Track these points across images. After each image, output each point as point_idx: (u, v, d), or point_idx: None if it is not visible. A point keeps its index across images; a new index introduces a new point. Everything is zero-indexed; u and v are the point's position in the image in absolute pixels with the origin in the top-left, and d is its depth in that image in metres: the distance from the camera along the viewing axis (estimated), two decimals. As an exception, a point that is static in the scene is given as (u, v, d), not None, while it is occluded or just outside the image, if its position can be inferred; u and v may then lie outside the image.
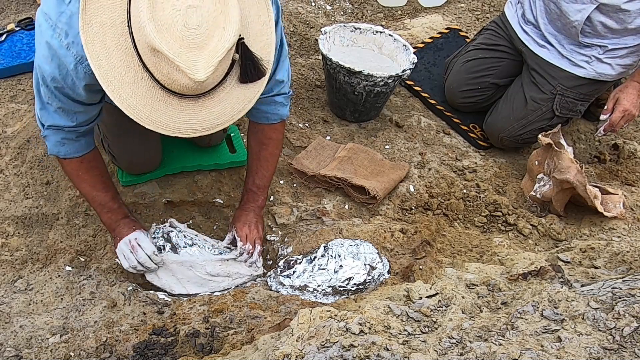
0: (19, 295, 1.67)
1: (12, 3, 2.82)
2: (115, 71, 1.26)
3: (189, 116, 1.30)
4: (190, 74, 1.18)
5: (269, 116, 1.78)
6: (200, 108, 1.30)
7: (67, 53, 1.36)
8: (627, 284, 1.24)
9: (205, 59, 1.18)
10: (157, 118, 1.30)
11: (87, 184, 1.73)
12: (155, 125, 1.30)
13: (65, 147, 1.64)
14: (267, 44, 1.37)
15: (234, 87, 1.33)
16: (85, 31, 1.24)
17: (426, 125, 2.59)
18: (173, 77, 1.21)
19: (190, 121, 1.31)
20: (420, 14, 3.29)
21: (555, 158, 2.15)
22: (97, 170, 1.74)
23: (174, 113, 1.29)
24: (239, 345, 1.47)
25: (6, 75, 2.40)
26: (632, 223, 2.11)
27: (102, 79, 1.26)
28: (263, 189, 1.92)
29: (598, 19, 2.16)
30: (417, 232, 2.00)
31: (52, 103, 1.51)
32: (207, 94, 1.29)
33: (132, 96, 1.27)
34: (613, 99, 2.24)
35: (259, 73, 1.34)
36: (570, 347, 1.05)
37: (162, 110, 1.29)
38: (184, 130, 1.32)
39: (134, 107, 1.28)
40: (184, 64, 1.17)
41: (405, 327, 1.21)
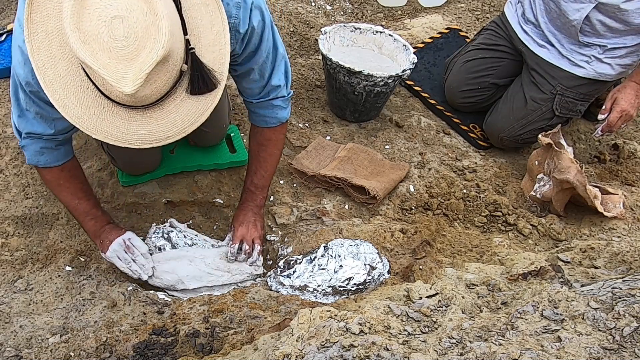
0: (19, 295, 1.67)
1: (12, 3, 2.82)
2: (60, 80, 1.24)
3: (137, 127, 1.27)
4: (118, 87, 1.14)
5: (268, 120, 1.77)
6: (148, 119, 1.27)
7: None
8: (627, 284, 1.24)
9: (134, 71, 1.14)
10: (103, 128, 1.26)
11: (69, 193, 1.71)
12: (103, 135, 1.27)
13: (44, 156, 1.61)
14: (221, 55, 1.32)
15: (185, 99, 1.29)
16: (30, 40, 1.22)
17: (426, 125, 2.59)
18: (109, 89, 1.18)
19: (138, 132, 1.27)
20: (420, 14, 3.29)
21: (555, 158, 2.15)
22: (78, 179, 1.72)
23: (121, 124, 1.26)
24: (239, 345, 1.47)
25: (6, 75, 2.40)
26: (632, 223, 2.11)
27: (47, 87, 1.24)
28: (262, 188, 1.90)
29: (597, 18, 2.16)
30: (417, 232, 2.00)
31: (30, 109, 1.49)
32: (154, 105, 1.25)
33: (78, 106, 1.24)
34: (611, 99, 2.24)
35: (209, 85, 1.29)
36: (570, 347, 1.05)
37: (108, 120, 1.25)
38: (133, 141, 1.29)
39: (79, 116, 1.25)
40: (111, 76, 1.14)
41: (405, 327, 1.21)
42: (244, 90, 1.72)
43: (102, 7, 1.12)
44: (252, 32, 1.49)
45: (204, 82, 1.28)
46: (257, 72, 1.62)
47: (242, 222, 1.89)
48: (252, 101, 1.73)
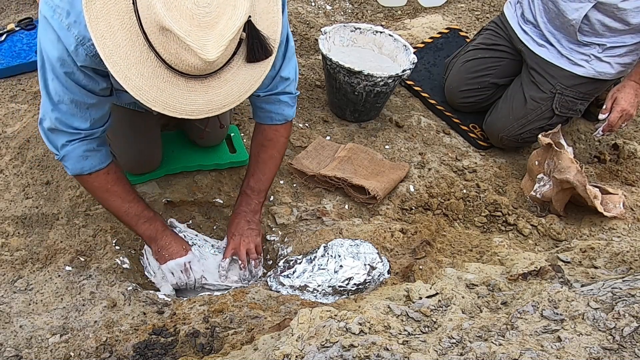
0: (19, 295, 1.67)
1: (12, 3, 2.82)
2: (120, 51, 1.21)
3: (196, 97, 1.26)
4: (201, 53, 1.14)
5: (273, 116, 1.74)
6: (206, 89, 1.26)
7: (68, 34, 1.31)
8: (627, 284, 1.24)
9: (215, 39, 1.14)
10: (163, 99, 1.25)
11: (118, 197, 1.67)
12: (162, 106, 1.26)
13: (89, 160, 1.57)
14: (274, 22, 1.32)
15: (241, 67, 1.29)
16: (88, 9, 1.19)
17: (426, 125, 2.59)
18: (181, 57, 1.17)
19: (197, 102, 1.27)
20: (420, 14, 3.29)
21: (555, 158, 2.15)
22: (124, 180, 1.68)
23: (180, 94, 1.25)
24: (239, 345, 1.47)
25: (6, 75, 2.40)
26: (632, 223, 2.11)
27: (107, 59, 1.22)
28: (258, 192, 1.84)
29: (596, 17, 2.16)
30: (417, 232, 2.00)
31: (63, 99, 1.44)
32: (213, 74, 1.25)
33: (138, 77, 1.22)
34: (611, 99, 2.24)
35: (267, 52, 1.29)
36: (570, 347, 1.05)
37: (168, 91, 1.24)
38: (191, 112, 1.28)
39: (140, 88, 1.23)
40: (194, 43, 1.13)
41: (405, 327, 1.21)
42: None
43: None
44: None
45: (262, 49, 1.28)
46: None
47: (234, 233, 1.83)
48: (259, 94, 1.68)
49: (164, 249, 1.77)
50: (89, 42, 1.30)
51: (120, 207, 1.69)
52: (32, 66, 2.42)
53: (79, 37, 1.31)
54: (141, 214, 1.72)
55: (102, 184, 1.64)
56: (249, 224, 1.85)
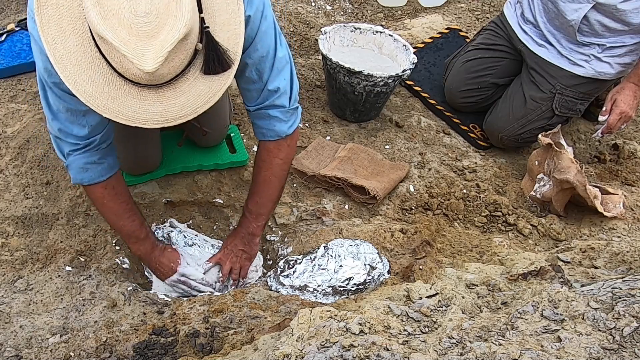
0: (19, 295, 1.67)
1: (12, 3, 2.82)
2: (71, 56, 1.19)
3: (149, 106, 1.23)
4: (138, 64, 1.11)
5: (265, 132, 1.67)
6: (161, 99, 1.23)
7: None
8: (627, 284, 1.24)
9: (155, 49, 1.11)
10: (115, 107, 1.22)
11: (113, 214, 1.67)
12: (114, 114, 1.23)
13: (88, 172, 1.58)
14: (235, 34, 1.29)
15: (198, 79, 1.25)
16: (40, 13, 1.17)
17: (426, 125, 2.59)
18: (125, 66, 1.14)
19: (151, 112, 1.23)
20: (420, 14, 3.29)
21: (555, 158, 2.15)
22: (122, 197, 1.67)
23: (133, 102, 1.22)
24: (239, 345, 1.47)
25: (6, 75, 2.40)
26: (632, 223, 2.11)
27: (57, 63, 1.19)
28: (256, 215, 1.79)
29: (595, 17, 2.16)
30: (417, 232, 2.00)
31: (60, 108, 1.45)
32: (167, 84, 1.21)
33: (89, 83, 1.20)
34: (611, 100, 2.24)
35: (223, 65, 1.26)
36: (570, 347, 1.05)
37: (120, 98, 1.21)
38: (144, 121, 1.24)
39: (90, 94, 1.21)
40: (131, 53, 1.10)
41: (405, 327, 1.21)
42: (243, 93, 1.65)
43: None
44: (247, 21, 1.40)
45: (219, 62, 1.25)
46: (253, 70, 1.53)
47: (227, 246, 1.84)
48: (250, 109, 1.65)
49: (156, 271, 1.80)
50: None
51: (114, 223, 1.70)
52: (32, 66, 2.42)
53: None
54: (132, 234, 1.71)
55: (99, 197, 1.64)
56: (244, 246, 1.83)
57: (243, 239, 1.83)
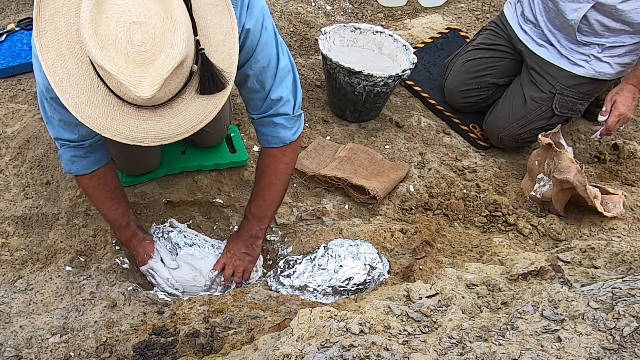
0: (19, 295, 1.67)
1: (12, 3, 2.82)
2: (70, 79, 1.23)
3: (147, 126, 1.27)
4: (136, 91, 1.15)
5: (269, 139, 1.69)
6: (158, 118, 1.27)
7: None
8: (627, 284, 1.24)
9: (151, 76, 1.15)
10: (114, 127, 1.26)
11: (98, 201, 1.76)
12: (113, 133, 1.27)
13: (75, 164, 1.65)
14: (230, 55, 1.31)
15: (194, 99, 1.29)
16: (39, 38, 1.21)
17: (426, 125, 2.59)
18: (123, 91, 1.18)
19: (148, 130, 1.28)
20: (420, 14, 3.29)
21: (555, 158, 2.15)
22: (106, 187, 1.73)
23: (131, 122, 1.26)
24: (239, 345, 1.47)
25: (6, 75, 2.40)
26: (632, 223, 2.11)
27: (57, 86, 1.23)
28: (259, 219, 1.82)
29: (595, 17, 2.16)
30: (417, 232, 2.00)
31: (53, 116, 1.52)
32: (165, 104, 1.25)
33: (88, 104, 1.24)
34: (611, 101, 2.24)
35: (218, 85, 1.29)
36: (570, 347, 1.05)
37: (118, 119, 1.25)
38: (142, 139, 1.29)
39: (89, 115, 1.25)
40: (128, 81, 1.14)
41: (405, 327, 1.21)
42: (246, 101, 1.68)
43: (120, 13, 1.12)
44: (247, 34, 1.45)
45: (214, 83, 1.28)
46: (255, 80, 1.56)
47: (230, 250, 1.86)
48: (254, 117, 1.68)
49: (134, 256, 1.87)
50: None
51: (101, 209, 1.80)
52: (32, 66, 2.41)
53: None
54: (115, 221, 1.80)
55: (84, 187, 1.74)
56: (247, 248, 1.85)
57: (246, 242, 1.85)
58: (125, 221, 1.81)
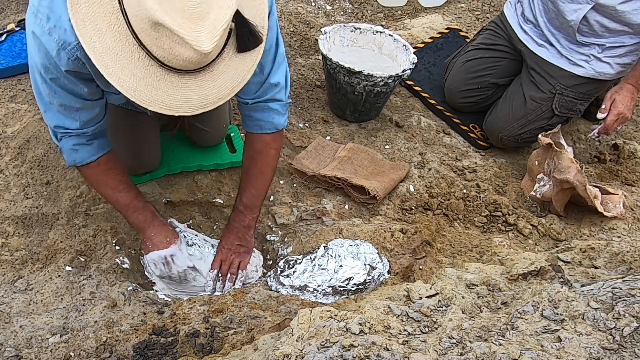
0: (19, 295, 1.67)
1: (12, 3, 2.82)
2: (110, 52, 1.19)
3: (191, 93, 1.25)
4: (196, 45, 1.14)
5: (263, 124, 1.69)
6: (200, 83, 1.25)
7: (49, 39, 1.31)
8: (627, 284, 1.24)
9: (208, 30, 1.14)
10: (159, 98, 1.24)
11: (108, 187, 1.68)
12: (158, 106, 1.25)
13: (79, 153, 1.60)
14: (260, 10, 1.32)
15: (232, 58, 1.28)
16: (74, 12, 1.18)
17: (426, 125, 2.59)
18: (175, 52, 1.16)
19: (192, 98, 1.26)
20: (420, 14, 3.29)
21: (555, 158, 2.15)
22: (116, 170, 1.69)
23: (175, 91, 1.24)
24: (239, 345, 1.47)
25: (6, 75, 2.40)
26: (632, 223, 2.11)
27: (98, 61, 1.20)
28: (251, 208, 1.81)
29: (595, 18, 2.16)
30: (417, 232, 2.00)
31: (53, 102, 1.47)
32: (206, 67, 1.24)
33: (131, 77, 1.21)
34: (610, 99, 2.24)
35: (257, 40, 1.28)
36: (570, 347, 1.05)
37: (162, 89, 1.23)
38: (187, 108, 1.27)
39: (134, 89, 1.22)
40: (188, 35, 1.13)
41: (405, 327, 1.21)
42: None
43: None
44: None
45: (252, 37, 1.27)
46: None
47: (223, 246, 1.83)
48: (247, 102, 1.65)
49: (148, 240, 1.76)
50: (69, 46, 1.30)
51: (112, 196, 1.70)
52: (32, 66, 2.42)
53: (60, 42, 1.31)
54: (130, 203, 1.71)
55: (92, 174, 1.67)
56: (240, 240, 1.84)
57: (238, 234, 1.83)
58: (142, 202, 1.74)
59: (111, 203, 1.76)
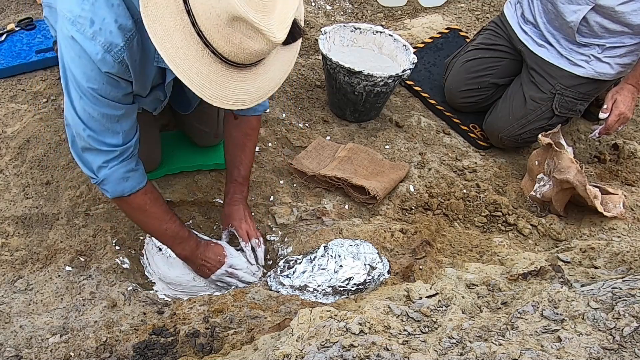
0: (19, 295, 1.67)
1: (12, 3, 2.82)
2: (179, 52, 1.23)
3: (248, 86, 1.30)
4: (272, 36, 1.18)
5: (257, 107, 1.77)
6: (255, 76, 1.30)
7: (93, 43, 1.31)
8: (627, 284, 1.24)
9: (278, 21, 1.19)
10: (221, 94, 1.29)
11: (156, 219, 1.67)
12: (221, 101, 1.29)
13: (129, 181, 1.57)
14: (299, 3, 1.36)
15: (278, 51, 1.32)
16: (146, 13, 1.20)
17: (426, 125, 2.59)
18: (244, 46, 1.20)
19: (249, 91, 1.31)
20: (420, 14, 3.29)
21: (555, 158, 2.15)
22: (160, 199, 1.68)
23: (234, 85, 1.28)
24: (239, 345, 1.47)
25: (6, 75, 2.40)
26: (632, 223, 2.11)
27: (170, 61, 1.24)
28: (246, 179, 1.92)
29: (594, 19, 2.16)
30: (417, 232, 2.00)
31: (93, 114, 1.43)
32: (260, 61, 1.28)
33: (198, 75, 1.25)
34: (611, 99, 2.24)
35: (300, 32, 1.33)
36: (570, 347, 1.05)
37: (224, 85, 1.27)
38: (244, 102, 1.32)
39: (202, 86, 1.26)
40: (266, 27, 1.17)
41: (405, 327, 1.21)
42: None
43: None
44: None
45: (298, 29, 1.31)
46: None
47: (239, 219, 1.89)
48: None
49: (202, 267, 1.81)
50: (116, 47, 1.32)
51: (159, 228, 1.69)
52: (32, 66, 2.42)
53: (105, 44, 1.32)
54: (177, 235, 1.72)
55: (141, 204, 1.63)
56: (246, 209, 1.91)
57: (243, 204, 1.92)
58: (187, 231, 1.76)
59: (155, 234, 1.74)
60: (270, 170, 2.23)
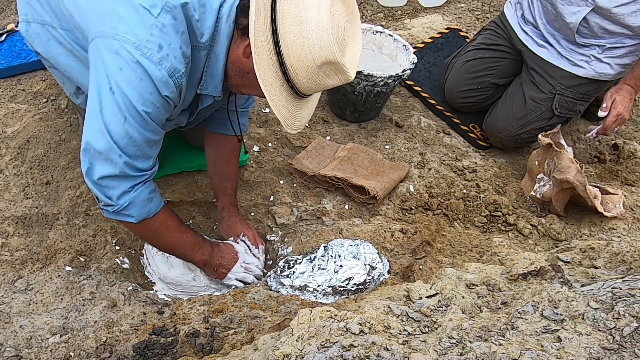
0: (19, 295, 1.67)
1: (12, 3, 2.82)
2: (272, 89, 1.36)
3: (303, 113, 1.46)
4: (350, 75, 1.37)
5: (243, 128, 1.89)
6: (306, 104, 1.46)
7: (159, 68, 1.33)
8: (627, 284, 1.24)
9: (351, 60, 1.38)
10: (291, 122, 1.44)
11: (175, 231, 1.66)
12: (290, 128, 1.44)
13: (153, 202, 1.54)
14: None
15: None
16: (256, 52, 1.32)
17: (426, 125, 2.59)
18: (321, 82, 1.36)
19: (303, 116, 1.47)
20: (420, 14, 3.29)
21: (555, 158, 2.15)
22: (174, 213, 1.68)
23: (297, 112, 1.44)
24: (239, 345, 1.47)
25: (6, 75, 2.40)
26: (632, 223, 2.11)
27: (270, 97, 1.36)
28: (236, 191, 2.01)
29: (594, 20, 2.16)
30: (417, 232, 2.00)
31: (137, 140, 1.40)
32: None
33: (281, 107, 1.39)
34: (610, 99, 2.24)
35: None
36: (570, 347, 1.05)
37: (292, 112, 1.43)
38: (299, 126, 1.47)
39: (286, 117, 1.41)
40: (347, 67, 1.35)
41: (405, 327, 1.21)
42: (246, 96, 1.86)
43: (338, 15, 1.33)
44: None
45: None
46: None
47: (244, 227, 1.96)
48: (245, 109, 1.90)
49: (219, 268, 1.83)
50: (178, 73, 1.37)
51: (178, 240, 1.68)
52: (32, 66, 2.42)
53: (170, 69, 1.35)
54: (195, 242, 1.74)
55: (162, 222, 1.61)
56: (242, 218, 2.00)
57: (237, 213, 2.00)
58: (200, 238, 1.78)
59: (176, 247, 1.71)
60: (270, 170, 2.23)
